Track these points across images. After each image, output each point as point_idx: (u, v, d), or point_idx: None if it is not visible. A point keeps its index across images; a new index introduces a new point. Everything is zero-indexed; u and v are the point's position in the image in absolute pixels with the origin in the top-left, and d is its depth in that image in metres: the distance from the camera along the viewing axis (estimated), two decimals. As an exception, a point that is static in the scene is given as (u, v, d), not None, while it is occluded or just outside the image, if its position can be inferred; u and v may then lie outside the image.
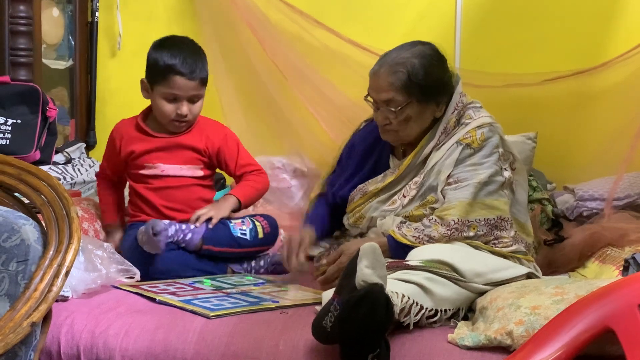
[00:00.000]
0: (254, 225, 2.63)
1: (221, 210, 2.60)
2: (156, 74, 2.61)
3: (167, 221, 2.52)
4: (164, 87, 2.59)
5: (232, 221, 2.61)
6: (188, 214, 2.60)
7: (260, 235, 2.62)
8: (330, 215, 2.60)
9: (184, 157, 2.66)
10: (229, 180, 3.13)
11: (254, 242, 2.61)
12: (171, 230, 2.50)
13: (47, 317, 1.77)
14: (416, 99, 2.33)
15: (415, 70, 2.31)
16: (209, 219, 2.56)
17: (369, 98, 2.39)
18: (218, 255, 2.57)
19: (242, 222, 2.62)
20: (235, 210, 2.65)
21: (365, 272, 1.78)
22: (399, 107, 2.33)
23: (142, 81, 2.66)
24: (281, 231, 2.79)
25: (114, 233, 2.72)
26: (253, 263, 2.63)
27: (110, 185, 2.78)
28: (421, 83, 2.31)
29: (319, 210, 2.62)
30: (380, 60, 2.37)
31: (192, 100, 2.62)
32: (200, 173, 2.67)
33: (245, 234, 2.59)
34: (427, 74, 2.32)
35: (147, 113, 2.72)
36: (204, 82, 2.63)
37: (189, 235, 2.52)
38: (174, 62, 2.58)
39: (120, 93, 3.67)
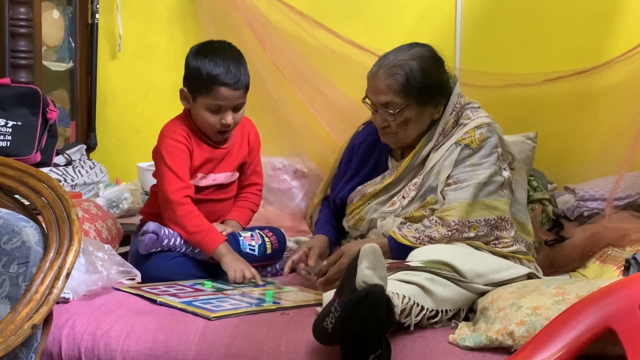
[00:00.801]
0: (263, 240, 2.59)
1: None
2: (199, 85, 2.46)
3: (174, 232, 2.50)
4: (208, 98, 2.45)
5: (242, 235, 2.58)
6: None
7: (269, 251, 2.59)
8: (336, 220, 2.59)
9: (232, 165, 2.61)
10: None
11: (261, 258, 2.57)
12: (176, 240, 2.49)
13: (48, 319, 1.76)
14: (414, 101, 2.33)
15: (413, 72, 2.31)
16: None
17: (367, 100, 2.39)
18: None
19: (252, 236, 2.59)
20: None
21: (366, 273, 1.78)
22: (397, 110, 2.33)
23: (181, 90, 2.52)
24: (289, 239, 2.78)
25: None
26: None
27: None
28: (419, 85, 2.31)
29: (325, 217, 2.62)
30: (378, 63, 2.37)
31: (237, 108, 2.51)
32: (237, 175, 2.67)
33: (254, 250, 2.56)
34: (425, 76, 2.32)
35: (188, 117, 2.57)
36: (247, 88, 2.50)
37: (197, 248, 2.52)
38: (218, 72, 2.43)
39: (121, 94, 3.68)
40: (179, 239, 2.49)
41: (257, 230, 2.63)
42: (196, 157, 2.53)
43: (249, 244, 2.57)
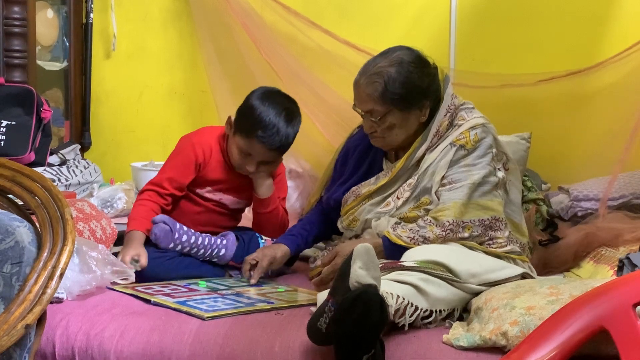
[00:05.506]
0: None
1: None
2: (243, 124, 2.49)
3: (199, 233, 2.52)
4: (243, 141, 2.49)
5: (264, 239, 2.62)
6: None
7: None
8: (323, 222, 2.61)
9: (246, 195, 2.64)
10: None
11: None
12: (204, 240, 2.51)
13: (41, 319, 1.76)
14: (396, 107, 2.32)
15: (391, 79, 2.30)
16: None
17: (356, 108, 2.40)
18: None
19: (273, 241, 2.61)
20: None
21: (359, 273, 1.78)
22: (379, 117, 2.33)
23: (229, 118, 2.55)
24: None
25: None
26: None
27: (161, 206, 2.56)
28: (399, 92, 2.30)
29: (309, 217, 2.65)
30: (360, 70, 2.37)
31: (267, 163, 2.54)
32: (244, 204, 2.69)
33: None
34: (405, 82, 2.31)
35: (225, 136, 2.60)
36: (285, 150, 2.54)
37: (222, 251, 2.52)
38: (263, 126, 2.45)
39: (115, 94, 3.68)
40: (200, 238, 2.49)
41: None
42: (211, 171, 2.57)
43: None
